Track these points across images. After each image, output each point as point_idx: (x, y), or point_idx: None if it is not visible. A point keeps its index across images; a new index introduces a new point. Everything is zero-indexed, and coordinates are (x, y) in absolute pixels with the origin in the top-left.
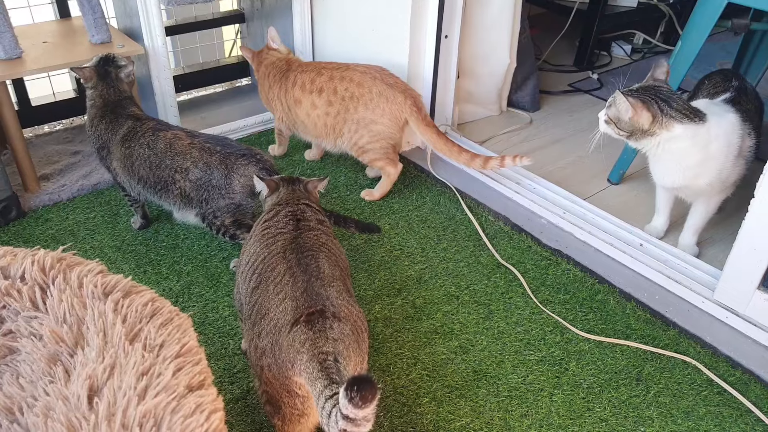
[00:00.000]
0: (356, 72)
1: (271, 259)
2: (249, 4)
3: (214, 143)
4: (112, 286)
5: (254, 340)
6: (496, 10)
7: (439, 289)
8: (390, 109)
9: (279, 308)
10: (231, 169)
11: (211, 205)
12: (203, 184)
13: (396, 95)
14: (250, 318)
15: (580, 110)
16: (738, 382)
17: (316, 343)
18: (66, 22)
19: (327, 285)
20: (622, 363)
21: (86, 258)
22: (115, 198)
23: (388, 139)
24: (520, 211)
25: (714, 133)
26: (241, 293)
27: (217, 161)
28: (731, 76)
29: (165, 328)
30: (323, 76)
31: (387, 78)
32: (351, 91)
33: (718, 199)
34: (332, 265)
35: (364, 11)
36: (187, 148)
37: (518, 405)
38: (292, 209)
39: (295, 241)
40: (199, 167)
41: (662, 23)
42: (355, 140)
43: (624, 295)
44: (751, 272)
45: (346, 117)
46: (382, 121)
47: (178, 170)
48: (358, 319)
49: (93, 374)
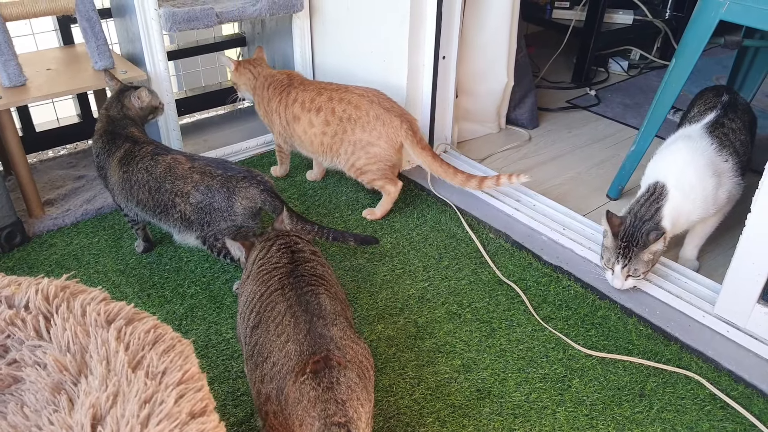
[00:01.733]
0: (354, 94)
1: (269, 297)
2: (250, 28)
3: (215, 166)
4: (115, 314)
5: (257, 384)
6: (493, 30)
7: (441, 307)
8: (386, 132)
9: (282, 352)
10: (232, 192)
11: (213, 228)
12: (204, 207)
13: (393, 119)
14: (252, 359)
15: (578, 127)
16: (741, 397)
17: (327, 408)
18: (69, 49)
19: (330, 324)
20: (624, 379)
21: (90, 283)
22: (118, 222)
23: (386, 161)
24: (520, 228)
25: (681, 195)
26: (240, 332)
27: (218, 184)
28: (722, 91)
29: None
30: (323, 96)
31: (384, 102)
32: (349, 113)
33: (715, 220)
34: (333, 299)
35: (363, 33)
36: (188, 172)
37: (522, 423)
38: (284, 241)
39: (292, 274)
40: (200, 191)
41: (658, 39)
42: (353, 162)
43: (625, 311)
44: (751, 286)
45: (343, 138)
46: (378, 144)
47: (179, 194)
48: (363, 358)
49: (96, 403)
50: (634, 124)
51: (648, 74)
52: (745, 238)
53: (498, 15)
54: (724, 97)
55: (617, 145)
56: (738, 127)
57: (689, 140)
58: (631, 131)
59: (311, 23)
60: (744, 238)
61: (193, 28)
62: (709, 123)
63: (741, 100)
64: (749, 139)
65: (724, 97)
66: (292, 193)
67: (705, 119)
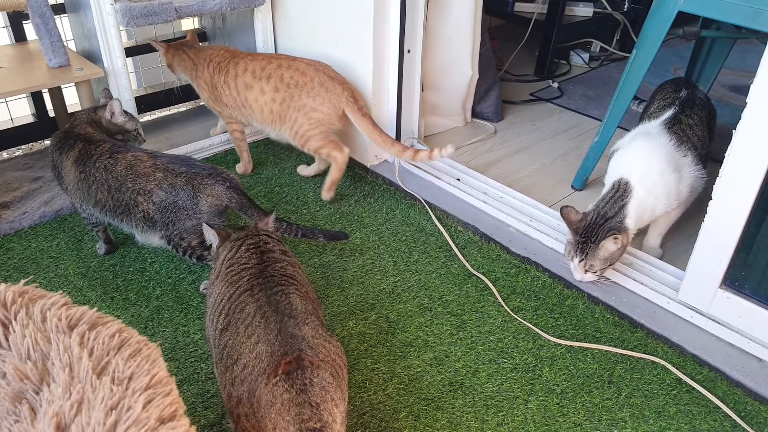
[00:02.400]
0: (302, 63)
1: (238, 298)
2: (211, 23)
3: (179, 164)
4: (77, 319)
5: (228, 387)
6: (457, 23)
7: (412, 301)
8: (329, 98)
9: (252, 353)
10: (197, 190)
11: (178, 227)
12: (168, 206)
13: (335, 86)
14: (222, 361)
15: (542, 119)
16: (705, 380)
17: (302, 413)
18: (22, 46)
19: (301, 323)
20: (593, 366)
21: (51, 287)
22: (78, 224)
23: (328, 125)
24: (488, 220)
25: (645, 191)
26: (209, 334)
27: (182, 182)
28: (681, 85)
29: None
30: (272, 64)
31: (329, 71)
32: (296, 79)
33: (678, 211)
34: (303, 298)
35: (327, 28)
36: (150, 170)
37: (494, 414)
38: (254, 241)
39: (261, 275)
40: (164, 189)
41: (618, 31)
42: (297, 128)
43: (592, 300)
44: (713, 272)
45: (290, 104)
46: (321, 109)
47: (141, 192)
48: (336, 357)
49: (60, 411)
50: (596, 115)
51: (608, 66)
52: (706, 225)
53: (462, 8)
54: (682, 93)
55: (580, 137)
56: (695, 123)
57: (649, 137)
58: (593, 122)
59: (273, 18)
60: (706, 225)
61: (151, 23)
62: (667, 120)
63: (699, 95)
64: (707, 133)
65: (682, 93)
66: (258, 190)
67: (663, 116)
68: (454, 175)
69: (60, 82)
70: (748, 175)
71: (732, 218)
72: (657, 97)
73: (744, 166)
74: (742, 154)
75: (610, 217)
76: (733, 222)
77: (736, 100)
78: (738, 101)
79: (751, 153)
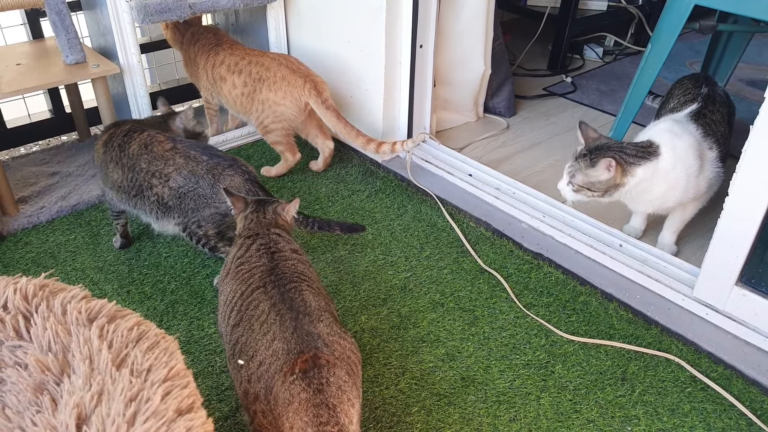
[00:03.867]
0: (268, 58)
1: (251, 295)
2: (224, 19)
3: (200, 151)
4: (97, 312)
5: (243, 384)
6: (469, 18)
7: (424, 297)
8: (291, 92)
9: (269, 351)
10: (218, 179)
11: (196, 215)
12: (187, 193)
13: (296, 79)
14: (234, 357)
15: (555, 114)
16: (720, 378)
17: (319, 415)
18: (39, 43)
19: (316, 320)
20: (606, 363)
21: (68, 280)
22: (95, 218)
23: (290, 121)
24: (500, 216)
25: (670, 163)
26: (221, 330)
27: (203, 170)
28: (701, 81)
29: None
30: (245, 60)
31: (292, 64)
32: (260, 74)
33: (694, 207)
34: (316, 295)
35: (339, 23)
36: (170, 153)
37: (506, 410)
38: (264, 242)
39: (273, 272)
40: (183, 175)
41: (632, 25)
42: (261, 119)
43: (606, 296)
44: (729, 269)
45: (254, 97)
46: (284, 103)
47: (156, 175)
48: (351, 353)
49: (81, 402)
50: (610, 110)
51: (623, 60)
52: (722, 222)
53: (474, 2)
54: (703, 89)
55: None
56: (718, 119)
57: (677, 122)
58: (607, 117)
59: (286, 14)
60: (722, 222)
61: (165, 19)
62: (692, 113)
63: (719, 91)
64: (728, 131)
65: (704, 89)
66: (271, 185)
67: (687, 109)
68: (466, 171)
69: (76, 79)
70: (765, 171)
71: (748, 215)
72: (676, 93)
73: (761, 162)
74: (759, 150)
75: (624, 151)
76: (750, 218)
77: (753, 95)
78: (755, 96)
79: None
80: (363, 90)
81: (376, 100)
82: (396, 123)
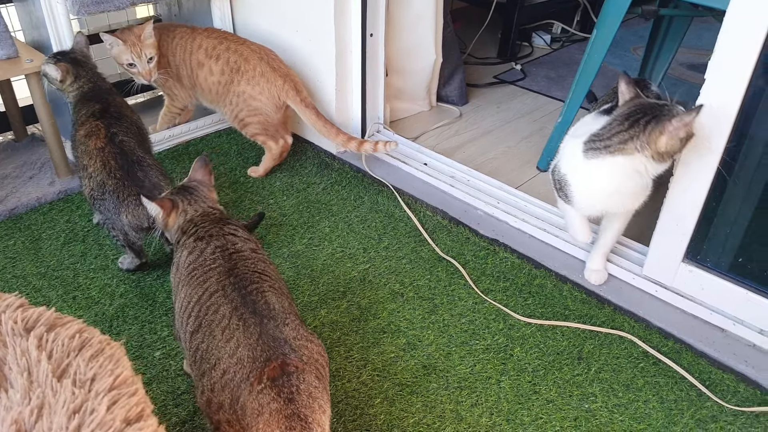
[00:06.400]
0: (248, 49)
1: (209, 300)
2: (166, 10)
3: (123, 161)
4: (35, 321)
5: (206, 393)
6: (420, 6)
7: (384, 287)
8: (269, 90)
9: (233, 359)
10: (121, 203)
11: (106, 217)
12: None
13: (276, 78)
14: (196, 365)
15: (506, 101)
16: (671, 352)
17: (292, 427)
18: None
19: (281, 324)
20: (563, 344)
21: (8, 289)
22: (35, 222)
23: (266, 116)
24: (456, 204)
25: None
26: (179, 335)
27: (112, 186)
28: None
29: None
30: (223, 44)
31: (273, 62)
32: (239, 64)
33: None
34: (279, 295)
35: (287, 13)
36: (95, 152)
37: (468, 395)
38: (220, 244)
39: (231, 274)
40: (96, 181)
41: (578, 12)
42: (236, 113)
43: (560, 278)
44: (676, 246)
45: (229, 88)
46: (260, 99)
47: (84, 168)
48: (319, 356)
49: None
50: (559, 96)
51: (570, 47)
52: (668, 200)
53: None
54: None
55: (544, 118)
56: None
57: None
58: (557, 104)
59: (231, 3)
60: (668, 201)
61: (103, 11)
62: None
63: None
64: None
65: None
66: (223, 180)
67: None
68: (421, 160)
69: (8, 75)
70: (707, 150)
71: (693, 193)
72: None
73: (703, 141)
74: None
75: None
76: (694, 197)
77: (693, 78)
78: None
79: (709, 129)
80: (315, 81)
81: (329, 91)
82: (349, 113)
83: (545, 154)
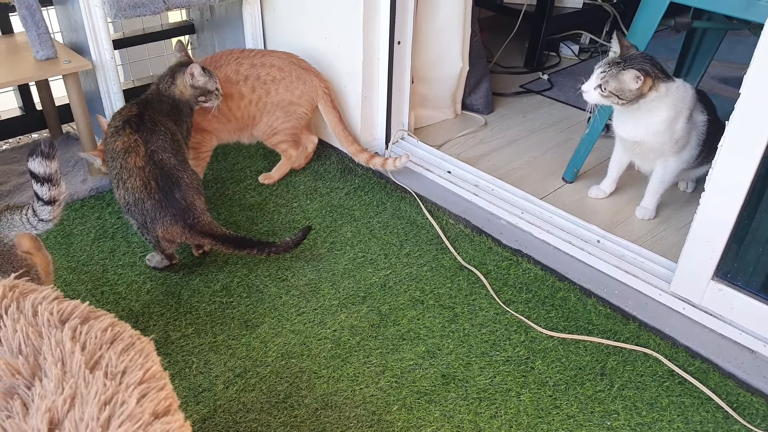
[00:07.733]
0: (274, 57)
1: None
2: (198, 15)
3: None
4: (69, 313)
5: None
6: (447, 15)
7: (404, 294)
8: (307, 92)
9: None
10: (157, 221)
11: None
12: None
13: (312, 78)
14: None
15: (532, 111)
16: (697, 372)
17: None
18: (8, 38)
19: None
20: (585, 359)
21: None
22: (67, 218)
23: (299, 120)
24: (479, 213)
25: (681, 93)
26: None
27: (150, 206)
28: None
29: (126, 354)
30: (243, 66)
31: (301, 62)
32: (272, 75)
33: (673, 165)
34: None
35: (316, 19)
36: (135, 170)
37: (487, 407)
38: None
39: None
40: (134, 197)
41: (607, 23)
42: (271, 122)
43: (584, 292)
44: (705, 263)
45: (266, 101)
46: (299, 102)
47: (120, 178)
48: None
49: (53, 407)
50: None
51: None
52: (699, 217)
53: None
54: None
55: (571, 129)
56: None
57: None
58: (584, 114)
59: (262, 10)
60: (698, 217)
61: (139, 15)
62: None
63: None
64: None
65: None
66: (247, 184)
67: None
68: (444, 168)
69: (47, 75)
70: (740, 166)
71: (724, 210)
72: None
73: (736, 157)
74: (734, 146)
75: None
76: (726, 213)
77: (726, 92)
78: (727, 93)
79: (743, 144)
80: (341, 86)
81: (354, 97)
82: (374, 119)
83: (571, 165)
